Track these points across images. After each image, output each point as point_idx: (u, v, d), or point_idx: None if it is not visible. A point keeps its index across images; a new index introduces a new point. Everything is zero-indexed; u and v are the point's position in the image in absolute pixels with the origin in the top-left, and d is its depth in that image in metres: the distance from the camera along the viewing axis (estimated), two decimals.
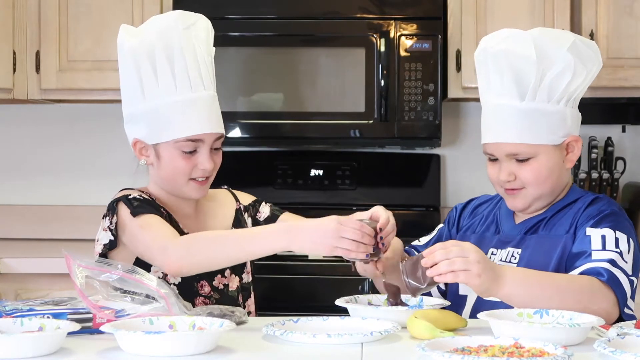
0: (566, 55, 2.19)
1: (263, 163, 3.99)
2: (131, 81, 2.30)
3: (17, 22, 3.74)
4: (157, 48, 2.25)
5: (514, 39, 2.22)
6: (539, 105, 2.20)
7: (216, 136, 2.31)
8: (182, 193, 2.34)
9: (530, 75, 2.19)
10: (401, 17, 3.64)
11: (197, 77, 2.27)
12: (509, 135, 2.21)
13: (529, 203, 2.27)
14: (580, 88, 2.24)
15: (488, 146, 2.27)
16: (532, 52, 2.18)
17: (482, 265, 1.96)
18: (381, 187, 3.96)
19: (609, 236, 2.15)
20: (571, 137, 2.25)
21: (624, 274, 2.10)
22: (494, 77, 2.24)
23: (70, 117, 4.13)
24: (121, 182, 4.04)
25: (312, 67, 3.67)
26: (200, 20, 2.33)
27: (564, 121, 2.23)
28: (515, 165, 2.24)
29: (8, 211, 4.12)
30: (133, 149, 2.37)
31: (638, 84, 3.64)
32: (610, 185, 3.79)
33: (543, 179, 2.23)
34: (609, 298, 2.07)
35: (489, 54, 2.24)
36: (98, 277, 1.95)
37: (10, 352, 1.70)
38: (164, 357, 1.73)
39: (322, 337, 1.82)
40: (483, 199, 2.47)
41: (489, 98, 2.26)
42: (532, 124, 2.20)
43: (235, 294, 2.37)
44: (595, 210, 2.22)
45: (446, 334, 1.84)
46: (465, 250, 1.97)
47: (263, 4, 3.67)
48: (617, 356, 1.59)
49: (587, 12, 3.64)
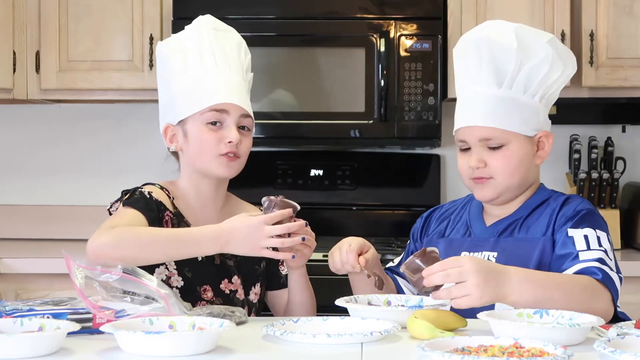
0: (546, 46, 2.23)
1: (263, 163, 3.99)
2: (164, 77, 2.37)
3: (17, 22, 3.74)
4: (188, 44, 2.34)
5: (496, 29, 2.26)
6: (514, 94, 2.22)
7: (242, 112, 2.34)
8: (211, 170, 2.34)
9: (509, 64, 2.22)
10: (401, 17, 3.64)
11: (224, 62, 2.34)
12: (484, 119, 2.23)
13: (498, 193, 2.26)
14: (555, 85, 2.26)
15: (461, 132, 2.29)
16: (513, 41, 2.22)
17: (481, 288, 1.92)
18: (381, 187, 3.96)
19: (591, 236, 2.17)
20: (543, 132, 2.27)
21: (612, 271, 2.12)
22: (473, 65, 2.26)
23: (70, 117, 4.13)
24: (121, 182, 4.06)
25: (311, 67, 3.67)
26: (233, 32, 2.43)
27: (537, 115, 2.25)
28: (486, 152, 2.24)
29: (8, 211, 4.12)
30: (164, 138, 2.40)
31: (638, 84, 3.64)
32: (610, 185, 3.79)
33: (512, 168, 2.24)
34: (606, 296, 2.08)
35: (470, 42, 2.27)
36: (98, 277, 1.95)
37: (10, 352, 1.70)
38: (164, 357, 1.73)
39: (322, 337, 1.82)
40: (448, 205, 2.47)
41: (466, 85, 2.29)
42: (507, 111, 2.22)
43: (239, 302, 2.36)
44: (572, 211, 2.23)
45: (446, 334, 1.84)
46: (464, 273, 1.92)
47: (263, 4, 3.67)
48: (617, 356, 1.59)
49: (587, 12, 3.64)
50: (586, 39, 3.63)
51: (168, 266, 2.30)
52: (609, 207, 3.78)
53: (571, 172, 3.92)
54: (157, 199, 2.31)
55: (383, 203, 3.94)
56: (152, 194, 2.31)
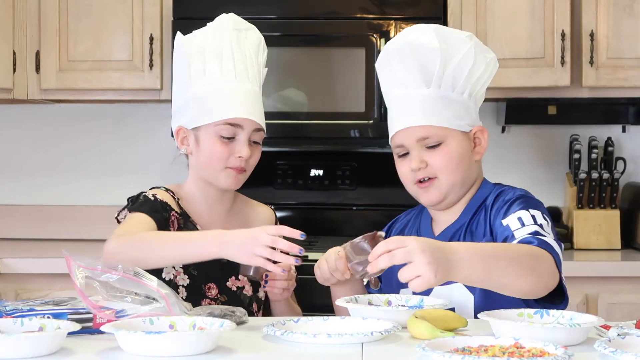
0: (466, 41, 2.25)
1: (263, 163, 3.95)
2: (181, 75, 2.36)
3: (17, 22, 3.74)
4: (208, 44, 2.33)
5: (415, 32, 2.27)
6: (444, 92, 2.23)
7: (255, 126, 2.33)
8: (217, 180, 2.34)
9: (434, 63, 2.22)
10: (401, 17, 3.64)
11: (242, 70, 2.33)
12: (417, 119, 2.23)
13: (444, 194, 2.25)
14: (480, 82, 2.27)
15: (397, 136, 2.28)
16: (434, 40, 2.23)
17: (433, 266, 1.80)
18: (381, 187, 3.96)
19: (524, 216, 2.15)
20: (477, 127, 2.28)
21: (550, 239, 2.09)
22: (398, 70, 2.26)
23: (70, 117, 4.13)
24: (121, 181, 4.09)
25: (311, 67, 3.67)
26: (253, 30, 2.42)
27: (468, 111, 2.26)
28: (425, 152, 2.24)
29: (8, 211, 4.12)
30: (175, 139, 2.40)
31: (638, 84, 3.64)
32: (610, 185, 3.79)
33: (454, 165, 2.24)
34: (549, 259, 2.04)
35: (392, 50, 2.27)
36: (98, 277, 1.95)
37: (10, 352, 1.70)
38: (164, 357, 1.73)
39: (322, 337, 1.82)
40: (404, 217, 2.46)
41: (395, 92, 2.28)
42: (439, 108, 2.23)
43: (247, 299, 2.36)
44: (502, 202, 2.22)
45: (447, 334, 1.84)
46: (411, 252, 1.81)
47: (263, 4, 3.67)
48: (618, 356, 1.59)
49: (587, 12, 3.64)
50: (586, 39, 3.63)
51: (175, 265, 2.31)
52: (609, 207, 3.78)
53: (571, 172, 3.92)
54: (161, 199, 2.31)
55: (383, 203, 3.94)
56: (156, 195, 2.31)
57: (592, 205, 3.80)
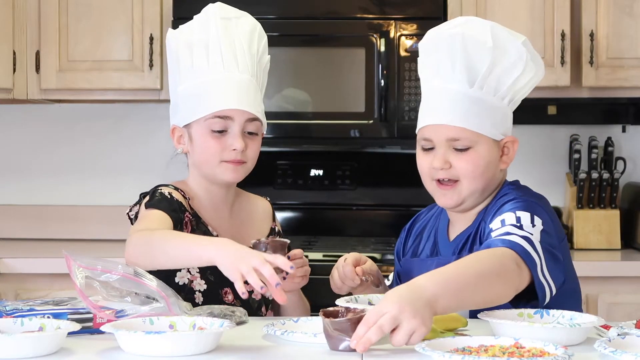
0: (520, 47, 2.15)
1: (263, 163, 3.94)
2: (173, 72, 2.33)
3: (17, 22, 3.74)
4: (194, 37, 2.28)
5: (470, 25, 2.17)
6: (485, 96, 2.14)
7: (248, 116, 2.27)
8: (215, 176, 2.30)
9: (483, 62, 2.13)
10: (401, 17, 3.64)
11: (231, 60, 2.26)
12: (454, 118, 2.14)
13: (462, 199, 2.18)
14: (523, 90, 2.20)
15: (427, 130, 2.19)
16: (488, 38, 2.13)
17: (418, 316, 1.72)
18: (381, 187, 3.96)
19: (508, 217, 2.06)
20: (509, 138, 2.20)
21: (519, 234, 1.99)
22: (444, 61, 2.16)
23: (70, 117, 4.13)
24: (121, 181, 4.09)
25: (311, 67, 3.67)
26: (245, 17, 2.35)
27: (505, 119, 2.18)
28: (452, 153, 2.16)
29: (8, 211, 4.12)
30: (172, 138, 2.36)
31: (638, 84, 3.64)
32: (610, 185, 3.79)
33: (479, 172, 2.16)
34: (508, 255, 1.94)
35: (442, 38, 2.17)
36: (98, 277, 1.95)
37: (10, 352, 1.70)
38: (164, 357, 1.73)
39: (322, 337, 1.82)
40: (426, 214, 2.39)
41: (436, 83, 2.18)
42: (478, 112, 2.14)
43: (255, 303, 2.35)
44: (497, 205, 2.14)
45: (447, 334, 1.84)
46: (395, 316, 1.71)
47: (263, 4, 3.67)
48: (618, 356, 1.59)
49: (587, 12, 3.64)
50: (586, 39, 3.63)
51: (190, 270, 2.26)
52: (609, 207, 3.79)
53: (571, 172, 3.92)
54: (177, 199, 2.27)
55: (383, 203, 3.94)
56: (172, 194, 2.26)
57: (592, 205, 3.80)
